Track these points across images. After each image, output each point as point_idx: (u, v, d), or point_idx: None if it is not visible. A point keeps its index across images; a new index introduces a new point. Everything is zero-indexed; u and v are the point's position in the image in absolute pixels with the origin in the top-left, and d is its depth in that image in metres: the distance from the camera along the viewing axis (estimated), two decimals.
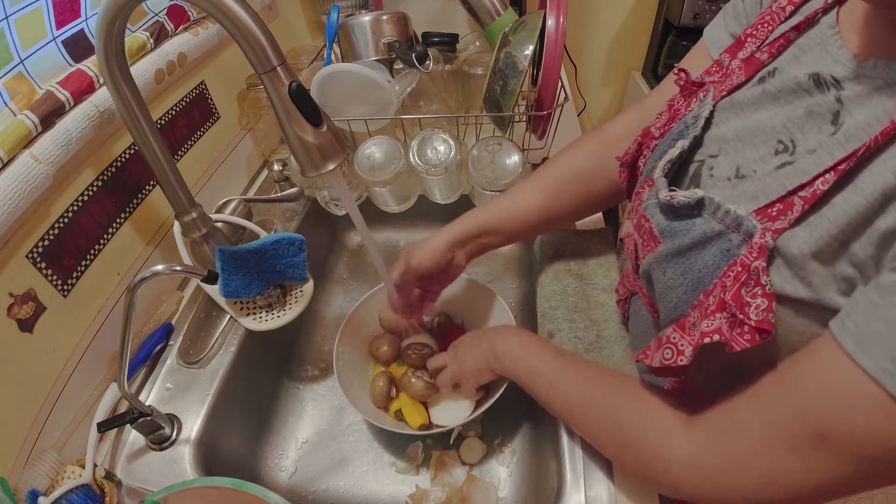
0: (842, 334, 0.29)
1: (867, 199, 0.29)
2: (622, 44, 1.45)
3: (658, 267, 0.41)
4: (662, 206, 0.40)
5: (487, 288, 0.68)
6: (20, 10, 0.50)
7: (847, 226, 0.30)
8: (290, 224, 0.81)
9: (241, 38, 0.39)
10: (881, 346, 0.27)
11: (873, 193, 0.29)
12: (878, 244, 0.29)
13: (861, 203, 0.29)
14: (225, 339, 0.64)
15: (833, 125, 0.33)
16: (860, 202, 0.29)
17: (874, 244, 0.29)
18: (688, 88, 0.45)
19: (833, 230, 0.30)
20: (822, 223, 0.31)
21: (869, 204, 0.29)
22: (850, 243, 0.30)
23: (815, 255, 0.31)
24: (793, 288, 0.32)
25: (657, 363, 0.38)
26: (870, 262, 0.29)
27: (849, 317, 0.29)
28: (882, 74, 0.32)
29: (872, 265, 0.29)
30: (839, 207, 0.30)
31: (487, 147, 0.73)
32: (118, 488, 0.52)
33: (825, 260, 0.31)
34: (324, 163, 0.43)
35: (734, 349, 0.32)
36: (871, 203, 0.29)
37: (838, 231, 0.30)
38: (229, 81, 0.84)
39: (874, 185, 0.29)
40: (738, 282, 0.33)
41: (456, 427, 0.61)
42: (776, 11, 0.42)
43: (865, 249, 0.29)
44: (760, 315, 0.31)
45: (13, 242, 0.48)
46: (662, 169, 0.42)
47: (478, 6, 0.81)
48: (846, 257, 0.30)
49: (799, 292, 0.32)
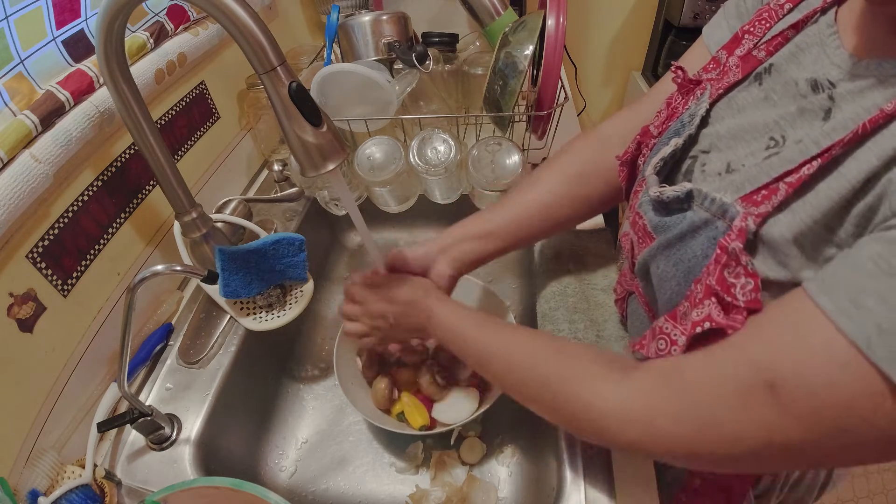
0: (809, 283, 0.29)
1: (850, 183, 0.29)
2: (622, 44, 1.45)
3: (652, 261, 0.41)
4: (654, 202, 0.41)
5: (489, 289, 0.68)
6: (20, 10, 0.50)
7: (829, 210, 0.30)
8: (290, 224, 0.81)
9: (241, 38, 0.39)
10: (843, 288, 0.26)
11: (857, 178, 0.29)
12: (858, 221, 0.29)
13: (844, 187, 0.29)
14: (225, 339, 0.64)
15: (824, 121, 0.33)
16: (843, 186, 0.29)
17: (854, 223, 0.29)
18: (685, 86, 0.45)
19: (816, 214, 0.30)
20: (804, 208, 0.31)
21: (852, 187, 0.29)
22: (834, 227, 0.30)
23: (796, 240, 0.31)
24: (775, 272, 0.32)
25: (652, 353, 0.38)
26: (851, 241, 0.29)
27: (821, 272, 0.29)
28: (875, 72, 0.32)
29: (853, 242, 0.29)
30: (822, 193, 0.30)
31: (487, 147, 0.73)
32: (118, 488, 0.52)
33: (806, 244, 0.31)
34: (324, 163, 0.43)
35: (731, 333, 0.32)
36: (854, 187, 0.29)
37: (821, 215, 0.30)
38: (229, 81, 0.84)
39: (858, 171, 0.29)
40: (720, 264, 0.33)
41: (456, 427, 0.61)
42: (774, 8, 0.42)
43: (847, 230, 0.29)
44: (749, 295, 0.31)
45: (13, 242, 0.48)
46: (654, 167, 0.42)
47: (478, 6, 0.81)
48: (830, 240, 0.30)
49: (780, 274, 0.32)
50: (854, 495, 1.36)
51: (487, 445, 0.64)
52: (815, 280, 0.29)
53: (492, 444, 0.64)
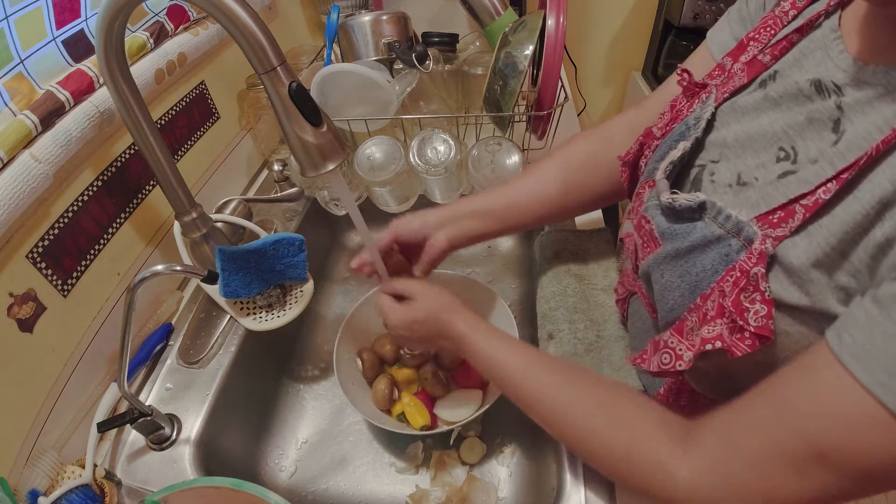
0: (839, 347, 0.29)
1: (864, 207, 0.29)
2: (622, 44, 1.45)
3: (657, 268, 0.41)
4: (664, 208, 0.40)
5: (489, 289, 0.68)
6: (20, 10, 0.50)
7: (845, 235, 0.30)
8: (290, 224, 0.81)
9: (241, 38, 0.39)
10: (878, 360, 0.27)
11: (871, 202, 0.29)
12: (874, 253, 0.29)
13: (859, 212, 0.29)
14: (225, 339, 0.64)
15: (834, 133, 0.33)
16: (858, 211, 0.29)
17: (869, 253, 0.29)
18: (690, 89, 0.45)
19: (832, 240, 0.30)
20: (821, 232, 0.31)
21: (866, 212, 0.29)
22: (848, 253, 0.30)
23: (816, 265, 0.31)
24: (790, 295, 0.32)
25: (654, 368, 0.38)
26: (864, 272, 0.29)
27: (846, 330, 0.29)
28: (882, 81, 0.31)
29: (867, 274, 0.29)
30: (838, 217, 0.30)
31: (487, 147, 0.73)
32: (118, 488, 0.52)
33: (824, 269, 0.31)
34: (324, 163, 0.43)
35: (735, 355, 0.32)
36: (867, 212, 0.29)
37: (836, 241, 0.30)
38: (229, 81, 0.84)
39: (872, 194, 0.29)
40: (738, 287, 0.33)
41: (456, 427, 0.61)
42: (779, 15, 0.42)
43: (861, 258, 0.29)
44: (760, 321, 0.31)
45: (13, 242, 0.48)
46: (664, 171, 0.42)
47: (478, 6, 0.81)
48: (844, 268, 0.30)
49: (796, 300, 0.32)
50: None
51: (487, 445, 0.64)
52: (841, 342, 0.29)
53: (492, 444, 0.64)
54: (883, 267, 0.28)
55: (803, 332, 0.33)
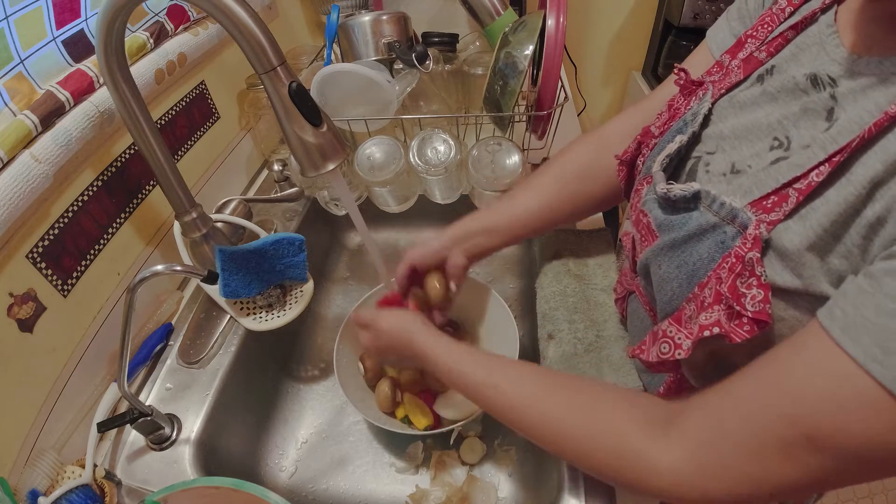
0: (829, 322, 0.28)
1: (857, 188, 0.29)
2: (622, 44, 1.45)
3: (654, 260, 0.41)
4: (660, 199, 0.41)
5: (483, 285, 0.68)
6: (20, 10, 0.50)
7: (838, 216, 0.30)
8: (290, 224, 0.81)
9: (241, 38, 0.39)
10: (869, 334, 0.26)
11: (862, 183, 0.29)
12: (865, 233, 0.29)
13: (851, 193, 0.29)
14: (225, 339, 0.64)
15: (827, 121, 0.33)
16: (851, 192, 0.29)
17: (861, 233, 0.29)
18: (687, 87, 0.46)
19: (825, 222, 0.30)
20: (814, 215, 0.31)
21: (858, 193, 0.29)
22: (840, 235, 0.30)
23: (809, 248, 0.31)
24: (783, 279, 0.32)
25: (654, 358, 0.38)
26: (856, 252, 0.29)
27: (837, 305, 0.29)
28: (875, 70, 0.32)
29: (859, 254, 0.29)
30: (831, 200, 0.30)
31: (487, 147, 0.73)
32: (118, 488, 0.52)
33: (817, 252, 0.31)
34: (324, 163, 0.43)
35: (734, 341, 0.32)
36: (860, 193, 0.29)
37: (829, 223, 0.30)
38: (229, 81, 0.84)
39: (864, 176, 0.29)
40: (734, 273, 0.33)
41: (456, 427, 0.61)
42: (776, 13, 0.42)
43: (853, 239, 0.29)
44: (757, 306, 0.31)
45: (13, 242, 0.48)
46: (661, 164, 0.42)
47: (478, 6, 0.81)
48: (837, 250, 0.30)
49: (789, 283, 0.32)
50: (854, 495, 1.36)
51: (487, 445, 0.64)
52: (832, 316, 0.28)
53: (492, 444, 0.64)
54: (874, 245, 0.28)
55: (797, 317, 0.33)
